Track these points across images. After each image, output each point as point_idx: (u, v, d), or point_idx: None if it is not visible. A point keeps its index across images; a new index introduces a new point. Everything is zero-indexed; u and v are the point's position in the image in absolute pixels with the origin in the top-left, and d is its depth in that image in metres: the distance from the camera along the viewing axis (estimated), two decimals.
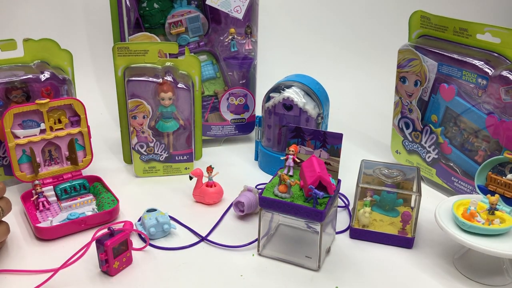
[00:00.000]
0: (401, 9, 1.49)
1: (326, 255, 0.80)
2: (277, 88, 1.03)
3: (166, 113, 1.00)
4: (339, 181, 0.78)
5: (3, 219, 0.78)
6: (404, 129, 1.07)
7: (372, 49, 1.59)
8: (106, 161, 1.11)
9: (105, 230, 0.74)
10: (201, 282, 0.73)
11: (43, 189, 0.91)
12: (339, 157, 0.78)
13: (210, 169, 0.94)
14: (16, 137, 0.90)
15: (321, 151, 0.78)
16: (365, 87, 1.54)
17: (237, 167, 1.11)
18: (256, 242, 0.80)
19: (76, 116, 0.94)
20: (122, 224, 0.84)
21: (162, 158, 1.04)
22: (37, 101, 0.89)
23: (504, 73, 0.83)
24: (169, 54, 1.03)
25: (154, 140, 1.02)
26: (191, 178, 0.94)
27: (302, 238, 0.84)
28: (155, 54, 0.98)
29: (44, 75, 0.95)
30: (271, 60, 1.55)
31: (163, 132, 1.02)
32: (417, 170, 0.86)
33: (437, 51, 0.95)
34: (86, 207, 0.90)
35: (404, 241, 0.82)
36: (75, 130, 0.95)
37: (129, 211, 0.91)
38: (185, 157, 1.05)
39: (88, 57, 1.49)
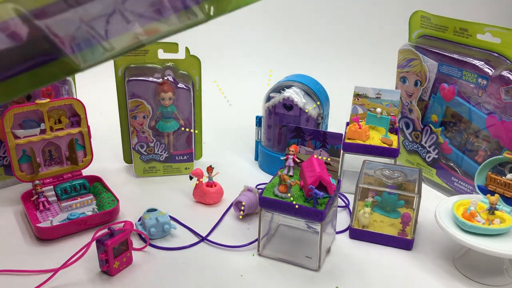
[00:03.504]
0: (401, 9, 1.49)
1: (326, 255, 0.80)
2: (277, 88, 1.03)
3: (166, 113, 1.00)
4: (339, 181, 0.78)
5: None
6: (404, 129, 1.07)
7: (372, 49, 1.59)
8: (106, 161, 1.11)
9: (105, 230, 0.74)
10: (201, 282, 0.73)
11: (43, 189, 0.91)
12: (339, 157, 0.78)
13: (210, 169, 0.94)
14: (16, 137, 0.90)
15: (321, 151, 0.78)
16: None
17: (237, 167, 1.11)
18: (256, 242, 0.80)
19: (76, 116, 0.94)
20: (122, 224, 0.84)
21: (162, 158, 1.04)
22: (37, 101, 0.89)
23: (504, 73, 0.83)
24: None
25: (154, 140, 1.02)
26: (191, 178, 0.94)
27: (302, 238, 0.84)
28: (155, 54, 0.98)
29: None
30: (271, 60, 1.55)
31: (163, 132, 1.02)
32: (419, 172, 0.86)
33: (437, 51, 0.95)
34: (86, 207, 0.90)
35: (403, 243, 0.82)
36: (75, 130, 0.95)
37: (129, 211, 0.91)
38: (185, 157, 1.05)
39: None
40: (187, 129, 1.02)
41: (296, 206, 0.71)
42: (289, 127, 0.80)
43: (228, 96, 1.47)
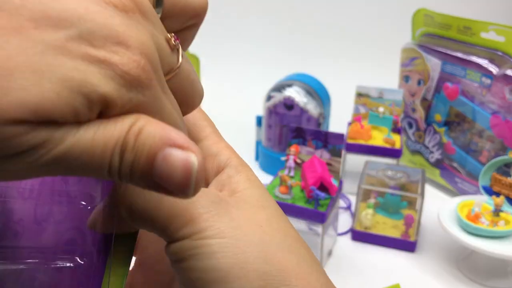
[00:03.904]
0: (404, 7, 1.48)
1: (327, 257, 0.79)
2: (278, 87, 1.02)
3: None
4: (340, 182, 0.77)
5: None
6: (407, 128, 1.05)
7: (375, 48, 1.58)
8: None
9: None
10: None
11: None
12: (340, 157, 0.77)
13: None
14: None
15: (322, 151, 0.77)
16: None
17: None
18: None
19: None
20: None
21: None
22: None
23: (509, 72, 0.82)
24: None
25: None
26: None
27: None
28: None
29: None
30: (271, 59, 1.54)
31: None
32: (422, 173, 0.85)
33: (441, 50, 0.93)
34: None
35: (406, 245, 0.80)
36: None
37: None
38: None
39: None
40: None
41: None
42: (290, 127, 0.79)
43: (228, 96, 1.46)
